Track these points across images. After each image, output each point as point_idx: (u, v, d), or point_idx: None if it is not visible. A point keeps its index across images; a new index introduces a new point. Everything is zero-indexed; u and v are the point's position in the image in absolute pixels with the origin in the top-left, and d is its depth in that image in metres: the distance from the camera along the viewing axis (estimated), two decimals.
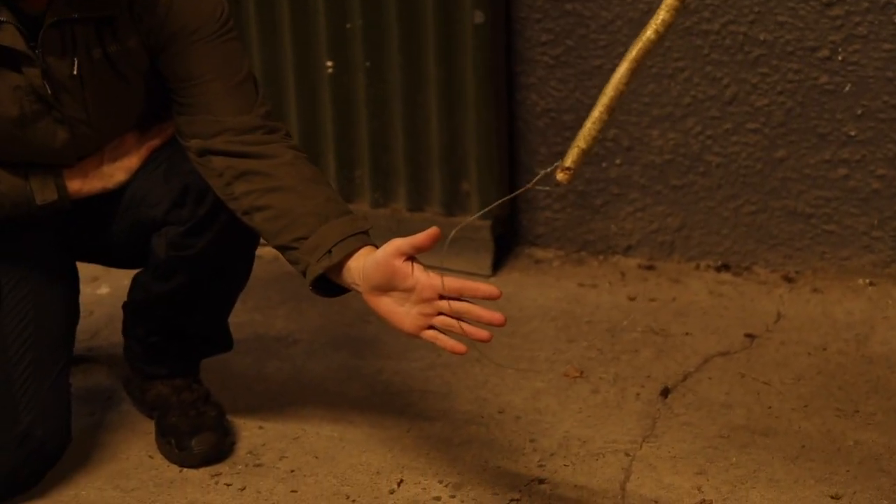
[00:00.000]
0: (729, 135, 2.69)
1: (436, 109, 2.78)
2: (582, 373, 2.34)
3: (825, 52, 2.58)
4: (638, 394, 2.26)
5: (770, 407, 2.20)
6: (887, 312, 2.54)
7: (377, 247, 1.72)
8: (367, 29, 2.77)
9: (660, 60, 2.69)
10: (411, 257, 1.66)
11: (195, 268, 1.90)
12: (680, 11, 1.56)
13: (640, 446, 2.09)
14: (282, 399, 2.29)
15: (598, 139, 1.64)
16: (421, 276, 1.65)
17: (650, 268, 2.81)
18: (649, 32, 1.54)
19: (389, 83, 2.79)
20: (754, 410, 2.19)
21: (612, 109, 1.58)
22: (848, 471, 1.99)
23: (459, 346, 1.66)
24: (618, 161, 2.79)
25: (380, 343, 2.50)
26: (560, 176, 1.61)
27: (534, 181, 1.63)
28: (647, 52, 1.55)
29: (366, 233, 1.73)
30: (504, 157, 2.83)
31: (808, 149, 2.65)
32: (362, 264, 1.69)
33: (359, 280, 1.69)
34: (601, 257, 2.88)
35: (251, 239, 1.93)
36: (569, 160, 1.61)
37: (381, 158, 2.85)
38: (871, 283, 2.66)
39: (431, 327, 1.67)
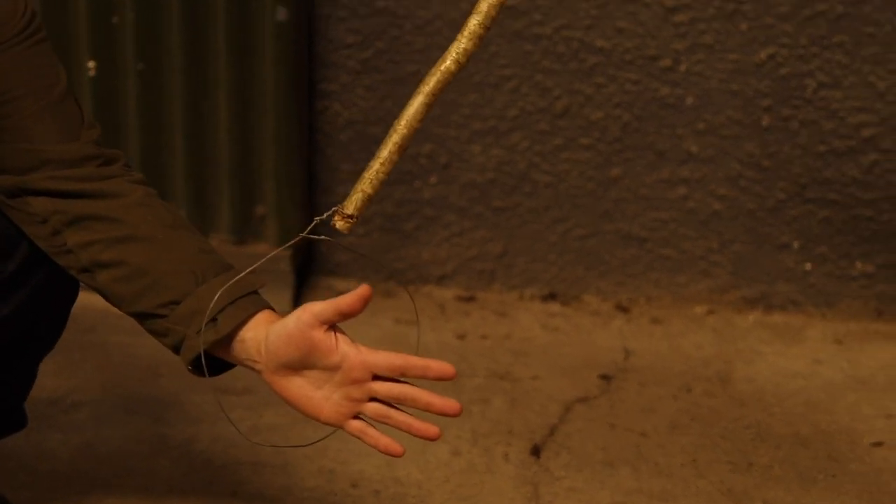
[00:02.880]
0: (559, 151, 2.44)
1: (225, 120, 2.38)
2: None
3: (667, 62, 2.36)
4: (506, 454, 1.96)
5: (657, 464, 1.95)
6: (737, 345, 2.35)
7: (274, 310, 1.33)
8: (139, 24, 2.33)
9: (483, 67, 2.40)
10: (332, 326, 1.29)
11: None
12: (484, 40, 1.38)
13: None
14: (76, 483, 1.85)
15: (385, 182, 1.38)
16: (349, 351, 1.28)
17: (470, 299, 2.52)
18: (448, 62, 1.37)
19: (167, 88, 2.36)
20: (641, 469, 1.93)
21: (403, 149, 1.36)
22: None
23: (395, 447, 1.30)
24: (433, 180, 2.48)
25: (182, 403, 2.08)
26: (340, 224, 1.37)
27: (307, 230, 1.36)
28: (446, 85, 1.37)
29: (257, 292, 1.34)
30: (304, 175, 2.46)
31: (645, 167, 2.43)
32: (262, 335, 1.30)
33: (257, 356, 1.30)
34: (411, 288, 2.56)
35: (69, 297, 1.49)
36: (351, 207, 1.36)
37: (155, 176, 2.41)
38: (710, 311, 2.47)
39: (357, 416, 1.31)
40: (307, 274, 2.56)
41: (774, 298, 2.46)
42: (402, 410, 1.29)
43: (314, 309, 1.27)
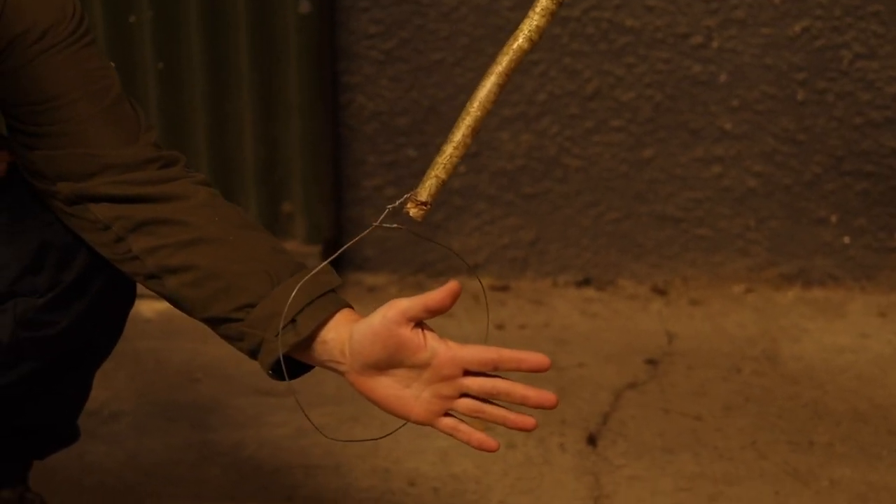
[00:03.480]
0: (590, 134, 2.39)
1: (250, 119, 2.33)
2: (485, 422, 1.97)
3: (699, 39, 2.32)
4: (562, 444, 1.92)
5: (716, 447, 1.91)
6: (780, 322, 2.31)
7: (353, 308, 1.28)
8: (157, 22, 2.28)
9: None
10: (420, 323, 1.24)
11: (52, 350, 1.39)
12: (556, 15, 1.31)
13: None
14: (126, 497, 1.80)
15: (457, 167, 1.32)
16: (438, 348, 1.23)
17: (504, 288, 2.47)
18: (521, 41, 1.28)
19: (189, 88, 2.31)
20: (701, 454, 1.89)
21: (476, 132, 1.29)
22: None
23: (490, 442, 1.25)
24: (461, 169, 2.44)
25: (223, 407, 2.04)
26: (414, 212, 1.29)
27: (380, 218, 1.29)
28: (518, 64, 1.29)
29: (334, 290, 1.29)
30: (330, 171, 2.41)
31: (679, 146, 2.38)
32: (345, 336, 1.25)
33: (340, 357, 1.26)
34: (443, 279, 2.51)
35: (127, 304, 1.44)
36: (424, 193, 1.28)
37: None
38: (748, 290, 2.43)
39: (448, 413, 1.26)
40: (335, 270, 2.51)
41: (813, 273, 2.42)
42: (495, 404, 1.24)
43: (400, 306, 1.22)
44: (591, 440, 1.93)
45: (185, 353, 2.21)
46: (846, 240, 2.41)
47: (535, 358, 1.20)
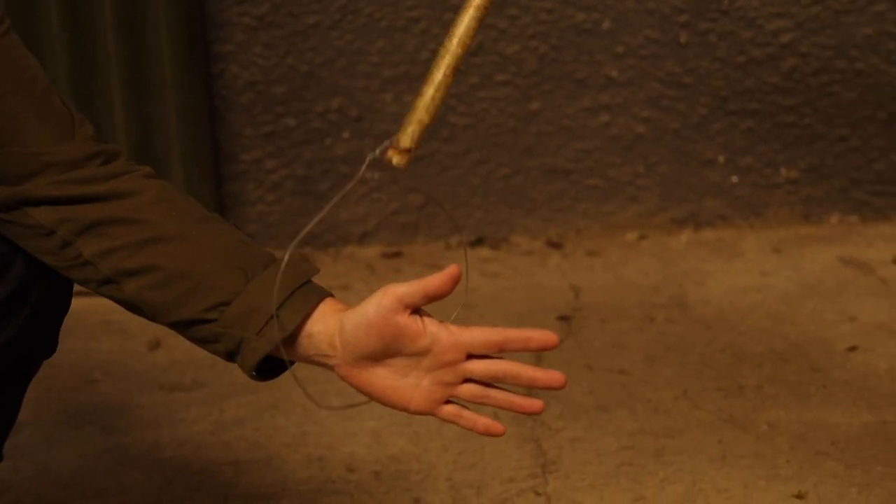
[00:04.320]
0: (475, 90, 2.33)
1: (120, 97, 2.19)
2: None
3: None
4: (495, 413, 1.85)
5: (649, 400, 1.89)
6: (680, 267, 2.31)
7: (334, 296, 1.19)
8: None
9: (390, 11, 2.27)
10: (417, 311, 1.16)
11: None
12: None
13: (546, 480, 1.71)
14: None
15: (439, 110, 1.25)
16: (439, 333, 1.14)
17: (396, 255, 2.40)
18: None
19: (51, 69, 2.16)
20: (636, 409, 1.87)
21: (456, 70, 1.22)
22: (788, 461, 1.72)
23: (498, 427, 1.18)
24: (345, 135, 2.35)
25: (130, 407, 1.92)
26: (396, 159, 1.19)
27: (361, 169, 1.19)
28: None
29: (311, 281, 1.20)
30: (209, 147, 2.29)
31: (565, 97, 2.34)
32: (334, 327, 1.16)
33: (329, 349, 1.16)
34: (331, 251, 2.43)
35: (63, 312, 1.31)
36: (407, 140, 1.19)
37: None
38: (642, 237, 2.42)
39: (449, 401, 1.18)
40: None
41: (703, 215, 2.43)
42: (499, 388, 1.17)
43: (396, 292, 1.13)
44: None
45: (77, 353, 2.07)
46: (734, 179, 2.42)
47: (544, 335, 1.13)
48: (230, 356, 1.18)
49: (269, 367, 1.20)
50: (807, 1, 2.30)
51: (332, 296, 1.18)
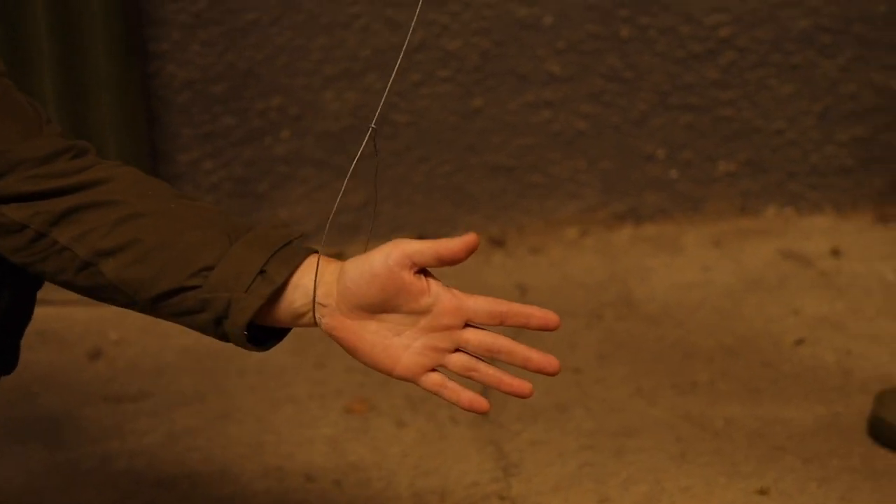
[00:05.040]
0: (417, 87, 2.31)
1: (54, 97, 2.13)
2: (367, 403, 1.88)
3: None
4: (452, 417, 1.84)
5: (604, 399, 1.88)
6: (623, 263, 2.31)
7: (319, 253, 1.15)
8: None
9: (330, 8, 2.23)
10: (422, 270, 1.13)
11: None
12: None
13: (510, 483, 1.69)
14: None
15: None
16: (443, 294, 1.11)
17: (338, 255, 2.37)
18: None
19: None
20: (592, 408, 1.86)
21: None
22: (747, 457, 1.73)
23: (482, 402, 1.14)
24: (284, 134, 2.31)
25: (74, 419, 1.87)
26: None
27: (364, 142, 1.18)
28: None
29: (293, 242, 1.16)
30: (147, 149, 2.24)
31: (508, 93, 2.33)
32: (331, 274, 1.12)
33: (323, 297, 1.12)
34: None
35: (23, 326, 1.27)
36: None
37: None
38: (583, 233, 2.41)
39: (435, 369, 1.14)
40: None
41: (643, 210, 2.43)
42: (489, 364, 1.15)
43: (407, 248, 1.09)
44: None
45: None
46: (673, 173, 2.42)
47: (544, 314, 1.11)
48: (217, 323, 1.13)
49: (257, 338, 1.16)
50: None
51: (317, 252, 1.15)
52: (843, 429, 1.79)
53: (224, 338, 1.15)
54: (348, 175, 1.20)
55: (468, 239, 1.10)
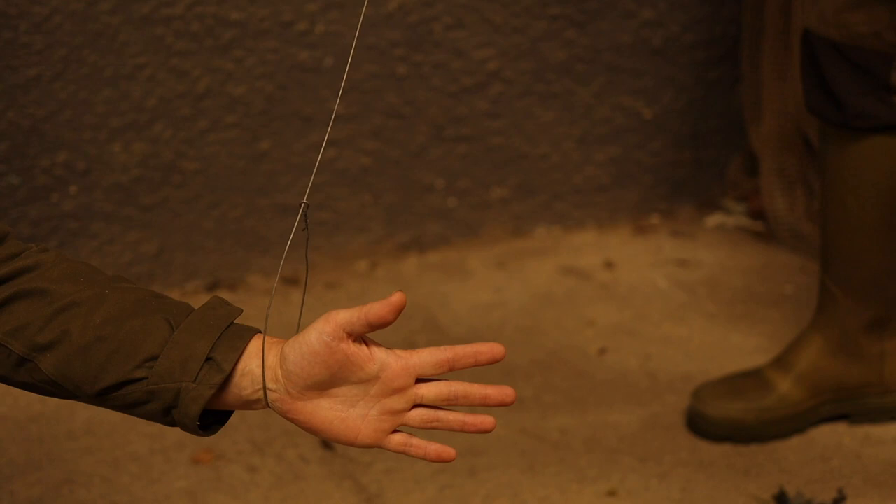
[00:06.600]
0: (205, 134, 2.31)
1: None
2: (213, 452, 1.87)
3: (303, 26, 2.30)
4: (301, 455, 1.87)
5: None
6: (419, 291, 2.39)
7: (261, 332, 1.15)
8: None
9: (115, 59, 2.20)
10: (360, 337, 1.15)
11: None
12: None
13: None
14: None
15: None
16: (388, 358, 1.13)
17: None
18: None
19: None
20: (434, 434, 1.91)
21: None
22: (590, 463, 1.84)
23: (449, 451, 1.17)
24: (72, 190, 2.26)
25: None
26: None
27: (297, 219, 1.21)
28: None
29: (234, 322, 1.15)
30: None
31: (294, 135, 2.37)
32: (275, 359, 1.13)
33: (271, 382, 1.12)
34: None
35: None
36: None
37: None
38: (373, 265, 2.48)
39: (396, 430, 1.16)
40: None
41: (426, 238, 2.53)
42: (448, 410, 1.18)
43: (338, 319, 1.11)
44: (326, 444, 1.90)
45: None
46: (452, 202, 2.53)
47: (490, 348, 1.15)
48: (166, 413, 1.13)
49: (205, 422, 1.15)
50: (508, 30, 2.45)
51: (259, 332, 1.16)
52: (665, 427, 1.94)
53: (172, 424, 1.15)
54: (286, 249, 1.20)
55: (393, 300, 1.12)
